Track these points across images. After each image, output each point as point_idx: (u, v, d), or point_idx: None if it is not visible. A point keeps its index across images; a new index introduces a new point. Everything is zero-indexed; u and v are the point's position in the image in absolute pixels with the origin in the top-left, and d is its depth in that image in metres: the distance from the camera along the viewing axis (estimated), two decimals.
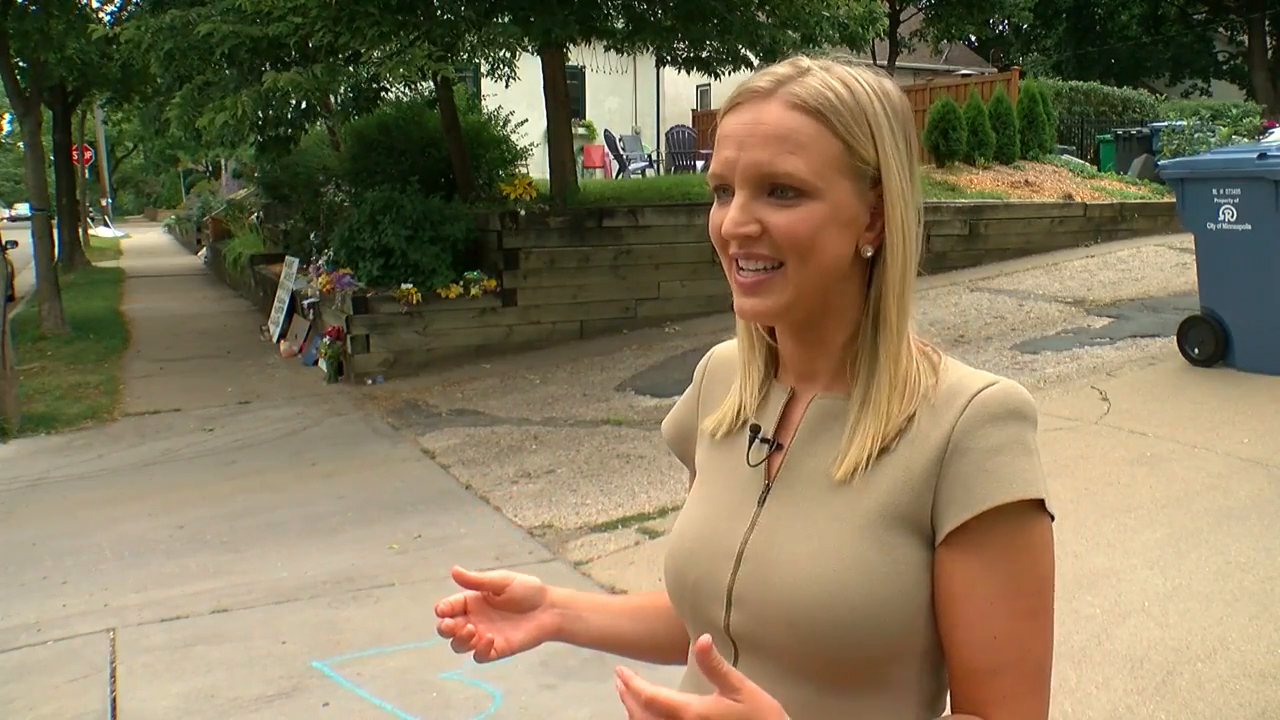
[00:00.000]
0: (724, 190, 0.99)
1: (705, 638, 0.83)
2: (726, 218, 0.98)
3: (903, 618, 0.95)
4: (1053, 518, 0.97)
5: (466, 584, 1.14)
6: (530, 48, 9.15)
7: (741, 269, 0.99)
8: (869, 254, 0.99)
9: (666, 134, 18.64)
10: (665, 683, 0.87)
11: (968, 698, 0.96)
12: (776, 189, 0.96)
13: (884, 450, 0.98)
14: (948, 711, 1.00)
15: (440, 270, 8.89)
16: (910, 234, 0.99)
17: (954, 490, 0.94)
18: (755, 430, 1.07)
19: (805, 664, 0.97)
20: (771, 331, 1.09)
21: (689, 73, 10.96)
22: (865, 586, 0.94)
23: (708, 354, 1.23)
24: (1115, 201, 11.92)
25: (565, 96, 9.94)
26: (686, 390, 1.24)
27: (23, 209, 44.44)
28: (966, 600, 0.94)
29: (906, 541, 0.96)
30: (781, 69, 0.99)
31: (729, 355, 1.18)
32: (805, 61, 1.00)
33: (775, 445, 1.05)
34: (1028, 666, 0.95)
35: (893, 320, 0.99)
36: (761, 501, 1.04)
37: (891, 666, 0.97)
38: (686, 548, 1.09)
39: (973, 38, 28.12)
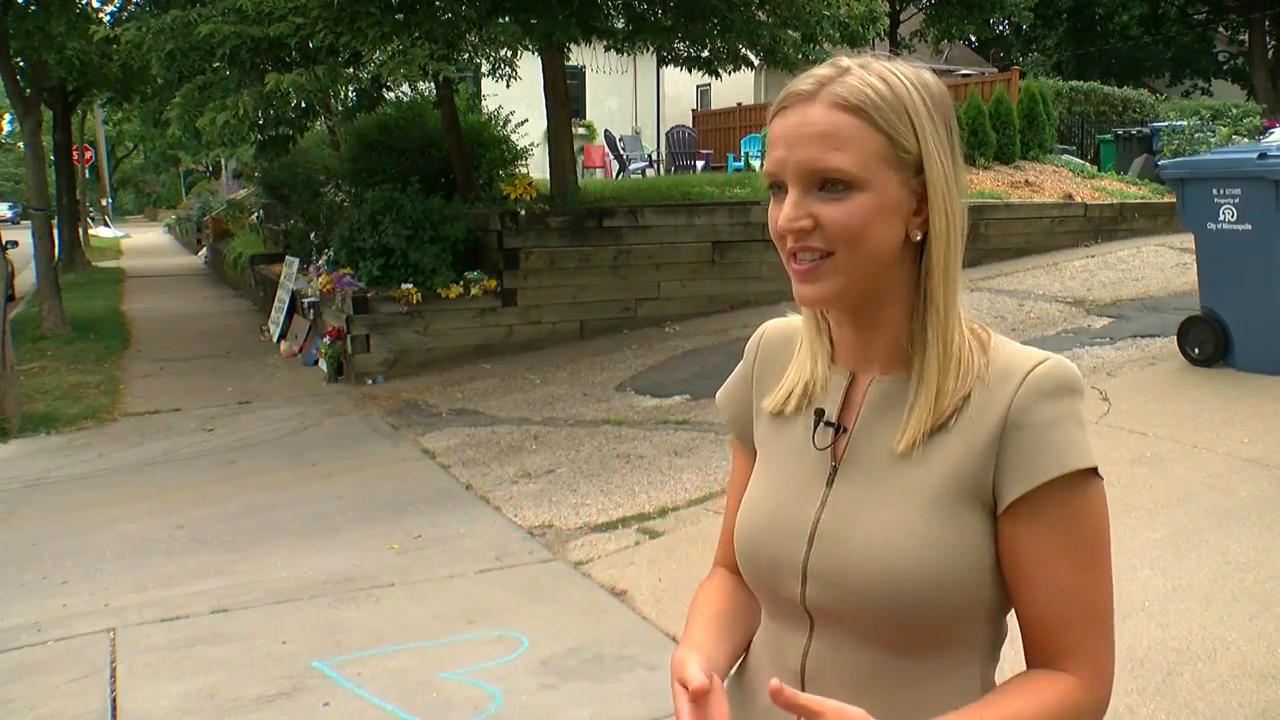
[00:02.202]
0: (778, 187, 1.06)
1: (774, 682, 0.92)
2: (782, 214, 1.04)
3: (971, 583, 1.03)
4: (1101, 477, 1.04)
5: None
6: (531, 48, 9.16)
7: (798, 258, 1.05)
8: (918, 238, 1.05)
9: (666, 134, 18.65)
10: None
11: (1042, 650, 1.05)
12: (826, 183, 1.02)
13: (943, 428, 1.05)
14: (1007, 663, 1.08)
15: (440, 270, 8.89)
16: (955, 217, 1.06)
17: (1014, 463, 1.02)
18: (819, 414, 1.13)
19: (879, 631, 1.04)
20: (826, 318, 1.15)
21: (689, 72, 10.96)
22: (937, 557, 1.02)
23: (760, 329, 1.29)
24: (1115, 201, 11.91)
25: (565, 96, 9.95)
26: (739, 366, 1.30)
27: None
28: (1034, 563, 1.02)
29: (971, 512, 1.03)
30: (823, 70, 1.06)
31: (783, 333, 1.24)
32: (845, 61, 1.06)
33: (839, 428, 1.12)
34: (1094, 613, 1.04)
35: (939, 299, 1.05)
36: (829, 482, 1.11)
37: (958, 626, 1.05)
38: (758, 526, 1.15)
39: (973, 38, 28.12)
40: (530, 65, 10.00)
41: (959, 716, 0.99)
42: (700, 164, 15.94)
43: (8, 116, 37.03)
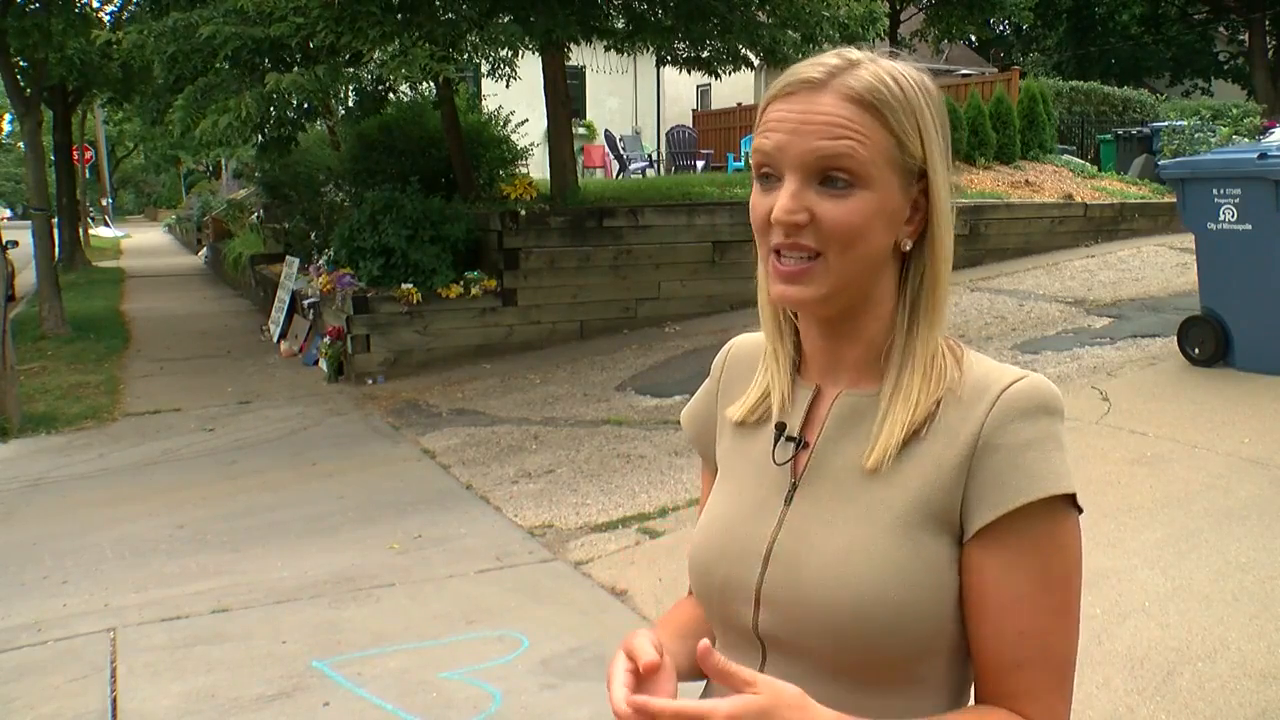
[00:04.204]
0: (767, 176, 0.99)
1: (703, 643, 0.85)
2: (778, 205, 0.97)
3: (933, 616, 0.96)
4: (1080, 510, 0.97)
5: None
6: (531, 47, 9.17)
7: (782, 257, 0.99)
8: (908, 247, 1.00)
9: (667, 134, 18.65)
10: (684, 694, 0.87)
11: (992, 691, 0.97)
12: (829, 178, 0.96)
13: (913, 443, 0.98)
14: (972, 702, 1.01)
15: (440, 270, 8.89)
16: (948, 226, 1.01)
17: (985, 487, 0.95)
18: (781, 428, 1.07)
19: (835, 663, 0.97)
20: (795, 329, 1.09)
21: (689, 72, 10.97)
22: (896, 586, 0.95)
23: (727, 345, 1.23)
24: (1115, 201, 11.91)
25: (565, 96, 9.95)
26: (704, 382, 1.24)
27: None
28: (994, 596, 0.95)
29: (936, 539, 0.96)
30: (831, 60, 0.99)
31: (749, 347, 1.19)
32: (853, 53, 1.00)
33: (801, 443, 1.05)
34: (1053, 661, 0.95)
35: (933, 311, 1.00)
36: (788, 500, 1.04)
37: (921, 663, 0.98)
38: (711, 546, 1.08)
39: (973, 38, 28.10)
40: (530, 65, 10.00)
41: None
42: (700, 164, 15.95)
43: (8, 116, 37.03)
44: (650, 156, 18.35)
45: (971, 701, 1.02)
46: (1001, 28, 30.36)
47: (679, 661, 1.06)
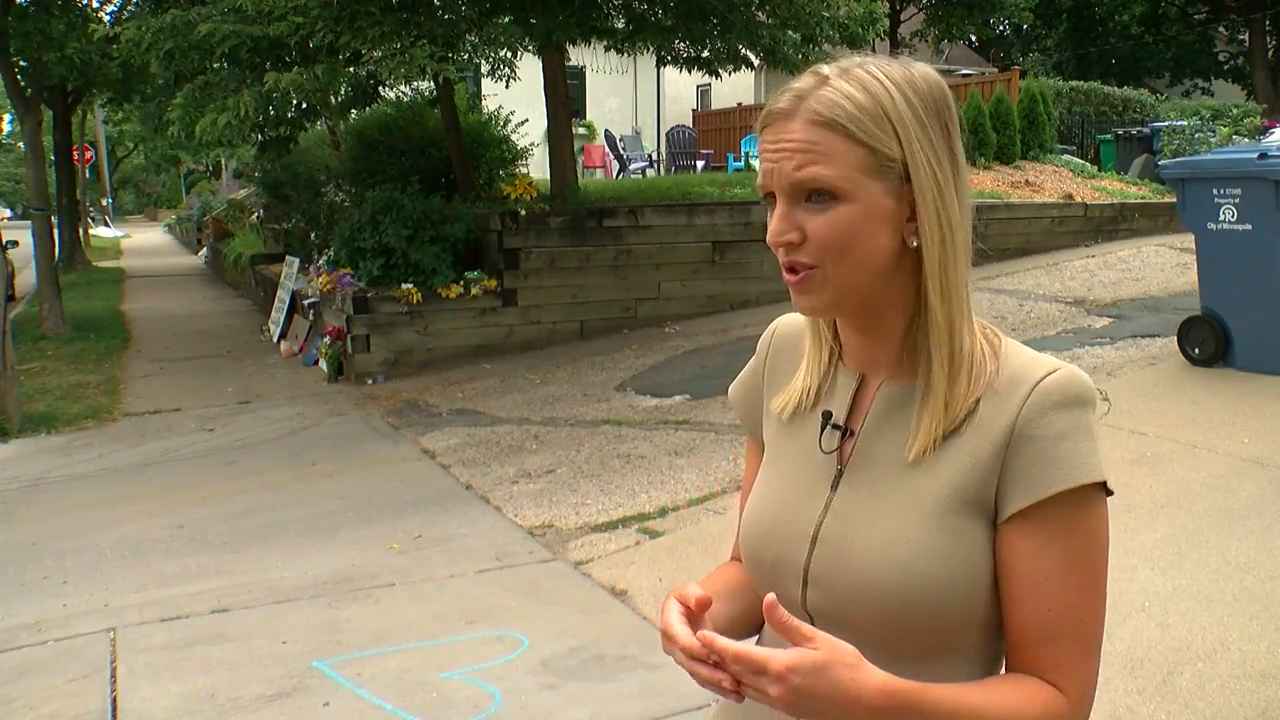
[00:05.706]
0: (771, 198, 1.06)
1: (770, 596, 0.91)
2: (769, 228, 1.04)
3: (970, 594, 1.02)
4: (1110, 493, 1.02)
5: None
6: (531, 48, 9.17)
7: (791, 270, 1.05)
8: (914, 244, 1.03)
9: (667, 134, 18.64)
10: None
11: (1024, 663, 1.03)
12: (812, 194, 1.01)
13: (954, 435, 1.03)
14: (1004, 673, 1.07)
15: (441, 270, 8.89)
16: (950, 221, 1.03)
17: (1019, 475, 1.00)
18: (827, 416, 1.12)
19: (878, 637, 1.03)
20: (834, 321, 1.14)
21: (689, 72, 10.97)
22: (936, 568, 1.01)
23: (772, 325, 1.28)
24: (1116, 201, 11.92)
25: (565, 96, 9.95)
26: (750, 361, 1.30)
27: None
28: (1025, 575, 1.01)
29: (973, 523, 1.02)
30: (801, 83, 1.04)
31: (794, 329, 1.23)
32: (825, 69, 1.04)
33: (846, 431, 1.11)
34: (1081, 635, 1.01)
35: (936, 307, 1.04)
36: (834, 486, 1.10)
37: (957, 636, 1.04)
38: (762, 527, 1.15)
39: (973, 38, 28.10)
40: (530, 65, 10.00)
41: (944, 689, 0.97)
42: (700, 164, 15.95)
43: (8, 116, 37.04)
44: (650, 156, 18.35)
45: (1003, 672, 1.08)
46: (1001, 28, 30.36)
47: (719, 623, 1.11)
